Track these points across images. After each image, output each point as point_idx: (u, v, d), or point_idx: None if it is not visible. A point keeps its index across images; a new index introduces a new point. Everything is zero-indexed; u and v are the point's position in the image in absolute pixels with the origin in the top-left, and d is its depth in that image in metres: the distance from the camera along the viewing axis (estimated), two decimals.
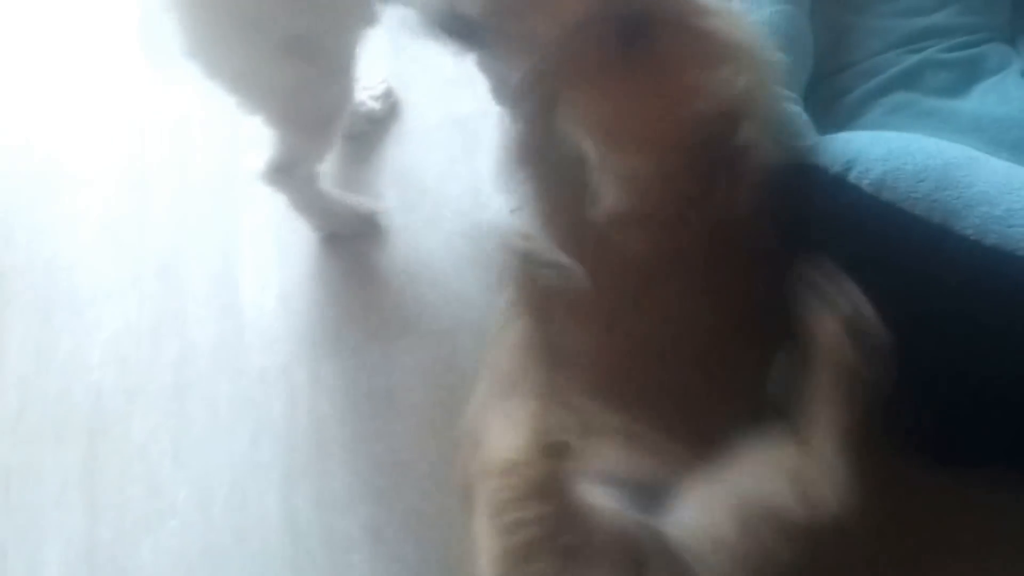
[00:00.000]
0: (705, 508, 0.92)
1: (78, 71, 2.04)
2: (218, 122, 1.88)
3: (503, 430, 0.92)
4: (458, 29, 1.13)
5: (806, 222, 1.12)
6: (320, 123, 1.50)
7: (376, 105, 1.79)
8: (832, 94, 1.38)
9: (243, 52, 1.35)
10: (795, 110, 1.23)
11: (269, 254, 1.73)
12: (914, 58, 1.37)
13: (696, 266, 1.07)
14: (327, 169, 1.65)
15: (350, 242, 1.70)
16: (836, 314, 0.95)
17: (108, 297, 1.75)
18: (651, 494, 0.95)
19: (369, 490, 1.47)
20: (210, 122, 1.90)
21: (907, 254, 1.04)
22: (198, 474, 1.55)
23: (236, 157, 1.85)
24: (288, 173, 1.57)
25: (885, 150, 1.06)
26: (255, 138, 1.77)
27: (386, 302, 1.65)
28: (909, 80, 1.36)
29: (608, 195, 1.06)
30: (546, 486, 0.88)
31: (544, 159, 1.12)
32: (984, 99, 1.32)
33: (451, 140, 1.78)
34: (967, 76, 1.36)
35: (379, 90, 1.79)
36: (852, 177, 1.06)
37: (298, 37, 1.33)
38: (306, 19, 1.32)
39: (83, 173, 1.91)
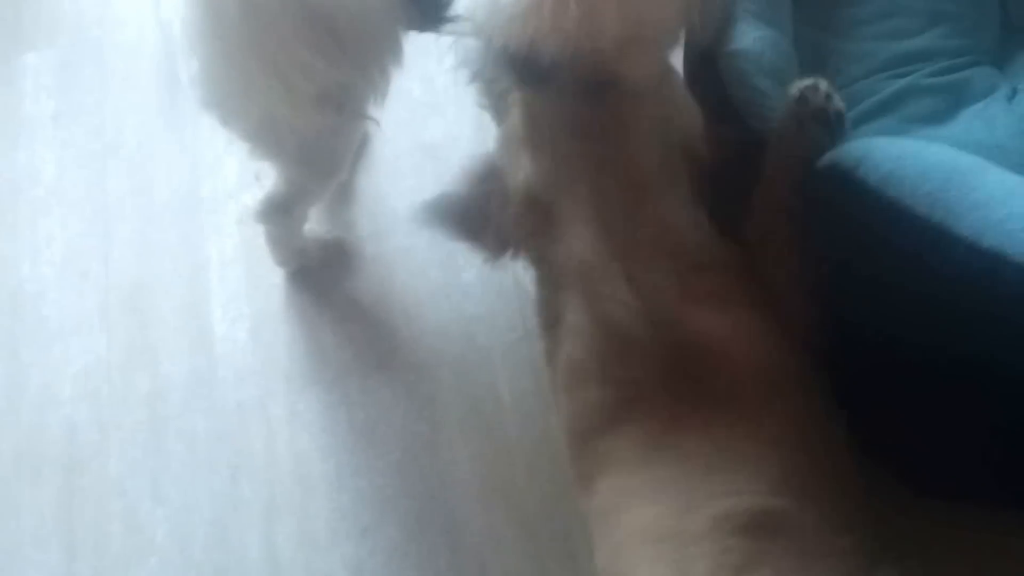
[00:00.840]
0: None
1: (38, 99, 2.01)
2: (180, 149, 1.86)
3: None
4: (532, 73, 1.08)
5: (814, 216, 1.14)
6: (334, 166, 1.49)
7: None
8: None
9: (273, 103, 1.29)
10: None
11: (238, 285, 1.71)
12: (898, 83, 1.36)
13: None
14: None
15: (321, 272, 1.68)
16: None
17: (76, 330, 1.72)
18: None
19: (352, 527, 1.46)
20: (173, 148, 1.86)
21: (907, 252, 1.04)
22: (177, 511, 1.53)
23: (199, 185, 1.82)
24: (287, 212, 1.55)
25: (898, 151, 1.07)
26: (218, 165, 1.79)
27: (361, 335, 1.64)
28: (892, 107, 1.34)
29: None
30: None
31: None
32: (970, 126, 1.31)
33: (421, 167, 1.76)
34: (952, 102, 1.34)
35: None
36: (860, 173, 1.06)
37: (335, 87, 1.31)
38: (345, 70, 1.30)
39: (44, 203, 1.87)
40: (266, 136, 1.38)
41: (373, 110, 1.44)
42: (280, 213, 1.55)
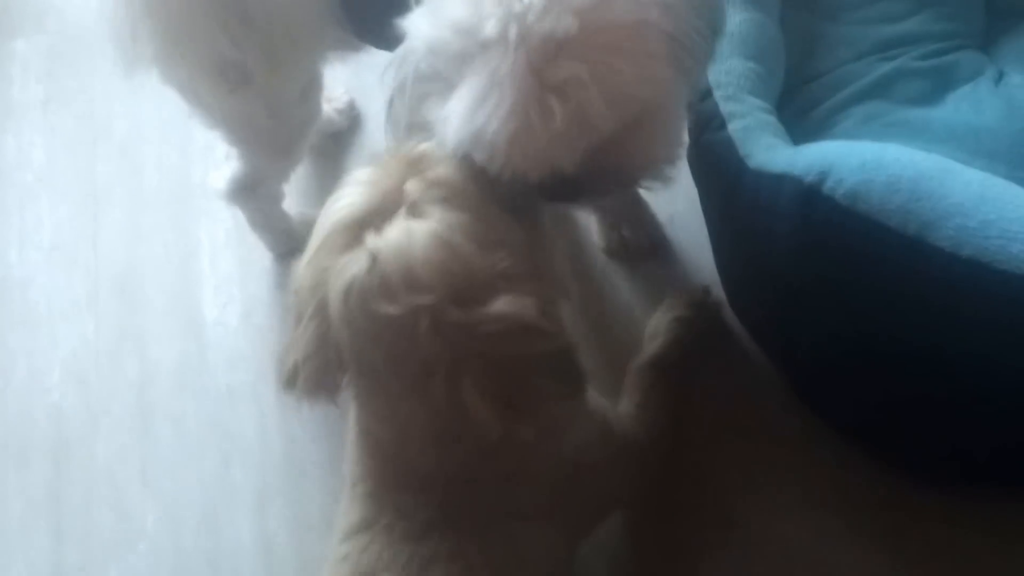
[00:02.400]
0: None
1: (26, 85, 1.98)
2: (170, 133, 1.83)
3: None
4: (559, 192, 1.02)
5: (778, 234, 1.11)
6: (280, 146, 1.44)
7: (338, 118, 1.73)
8: (804, 105, 1.35)
9: (184, 68, 1.28)
10: (769, 119, 1.21)
11: (230, 270, 1.68)
12: (886, 67, 1.35)
13: None
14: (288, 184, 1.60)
15: None
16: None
17: (64, 315, 1.69)
18: None
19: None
20: (162, 133, 1.84)
21: (882, 266, 1.02)
22: (168, 497, 1.51)
23: (189, 170, 1.80)
24: (252, 192, 1.52)
25: (859, 161, 1.04)
26: (209, 149, 1.76)
27: None
28: (881, 89, 1.34)
29: None
30: None
31: None
32: (958, 108, 1.31)
33: None
34: (940, 84, 1.34)
35: (342, 103, 1.74)
36: (826, 188, 1.04)
37: (233, 65, 1.26)
38: (251, 53, 1.25)
39: (32, 188, 1.84)
40: (196, 103, 1.35)
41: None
42: (245, 192, 1.52)
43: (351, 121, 1.76)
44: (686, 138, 1.21)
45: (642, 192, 1.43)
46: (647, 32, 0.93)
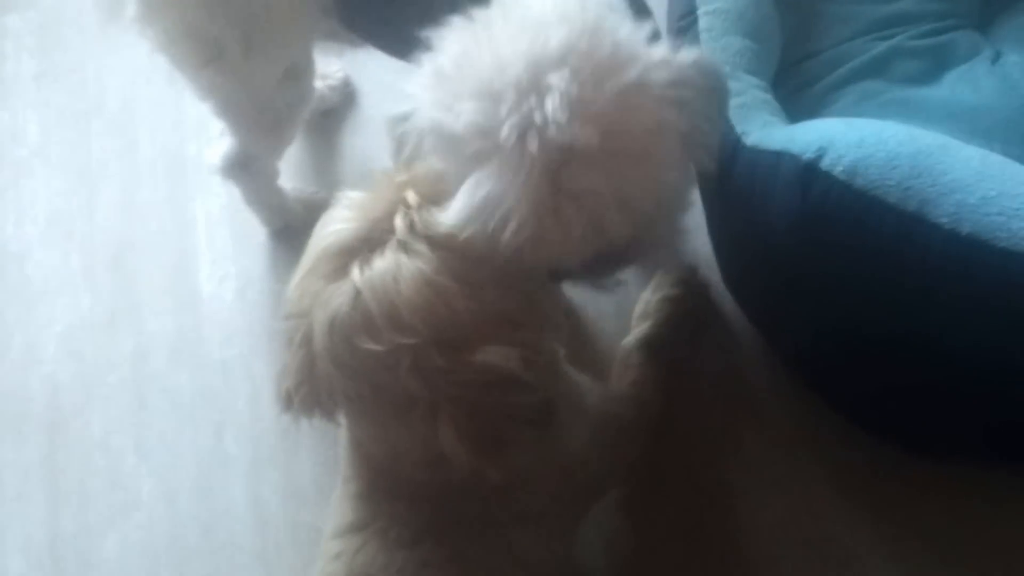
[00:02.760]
0: None
1: (19, 60, 1.97)
2: (164, 108, 1.82)
3: None
4: (561, 276, 1.01)
5: (776, 211, 1.11)
6: (266, 126, 1.42)
7: (332, 95, 1.73)
8: (799, 83, 1.35)
9: (162, 33, 1.25)
10: (765, 97, 1.21)
11: (225, 244, 1.68)
12: (882, 45, 1.35)
13: None
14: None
15: (307, 232, 1.63)
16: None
17: (60, 290, 1.69)
18: None
19: (338, 481, 1.44)
20: (156, 108, 1.83)
21: (881, 243, 1.02)
22: (162, 467, 1.51)
23: (184, 144, 1.79)
24: (244, 168, 1.51)
25: (858, 137, 1.04)
26: (203, 125, 1.75)
27: None
28: (877, 68, 1.34)
29: None
30: None
31: None
32: (955, 87, 1.31)
33: None
34: (937, 64, 1.34)
35: (336, 79, 1.73)
36: (824, 164, 1.03)
37: (208, 37, 1.24)
38: (225, 30, 1.23)
39: (27, 163, 1.83)
40: (178, 71, 1.33)
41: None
42: (238, 169, 1.51)
43: (345, 98, 1.76)
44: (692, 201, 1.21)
45: None
46: (664, 137, 0.90)
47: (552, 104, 0.84)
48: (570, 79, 0.85)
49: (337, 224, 0.90)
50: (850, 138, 1.05)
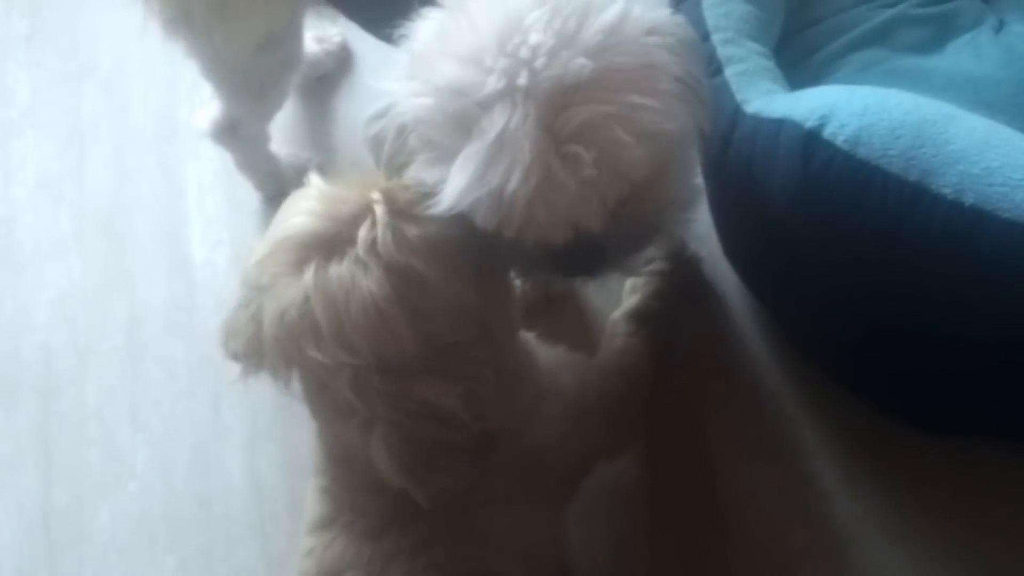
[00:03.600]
0: None
1: (10, 19, 1.92)
2: (156, 71, 1.79)
3: None
4: (581, 260, 0.93)
5: (776, 181, 1.08)
6: (250, 91, 1.39)
7: (328, 60, 1.69)
8: (802, 51, 1.32)
9: None
10: (768, 64, 1.18)
11: (218, 210, 1.65)
12: (886, 13, 1.32)
13: None
14: (275, 124, 1.54)
15: None
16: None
17: (51, 255, 1.66)
18: None
19: None
20: (148, 70, 1.79)
21: (883, 214, 0.99)
22: (158, 437, 1.49)
23: (176, 107, 1.75)
24: (233, 133, 1.48)
25: (861, 105, 1.01)
26: (195, 88, 1.72)
27: None
28: (881, 37, 1.31)
29: None
30: None
31: None
32: (958, 57, 1.28)
33: None
34: (940, 33, 1.31)
35: (333, 44, 1.69)
36: (827, 133, 1.00)
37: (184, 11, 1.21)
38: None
39: (17, 125, 1.80)
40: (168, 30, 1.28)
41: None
42: (226, 133, 1.48)
43: (341, 63, 1.72)
44: (699, 181, 1.16)
45: None
46: (659, 72, 0.85)
47: (536, 37, 0.81)
48: (551, 16, 0.81)
49: (301, 215, 0.87)
50: (854, 106, 1.02)
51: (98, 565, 1.43)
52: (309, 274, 0.83)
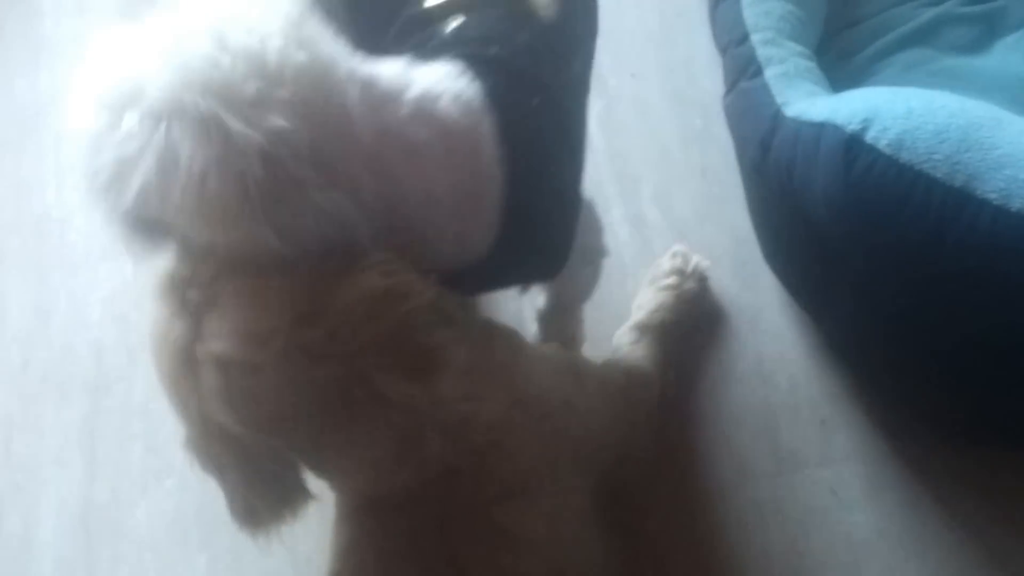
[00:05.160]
0: None
1: (58, 21, 1.93)
2: None
3: None
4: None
5: (817, 186, 1.04)
6: None
7: None
8: (844, 51, 1.29)
9: None
10: (809, 65, 1.15)
11: None
12: (931, 12, 1.28)
13: None
14: None
15: None
16: None
17: (103, 256, 1.66)
18: None
19: None
20: None
21: (927, 219, 0.95)
22: None
23: None
24: None
25: (905, 108, 0.97)
26: None
27: None
28: (925, 36, 1.27)
29: None
30: None
31: None
32: (1006, 56, 1.24)
33: None
34: (987, 32, 1.27)
35: None
36: (869, 137, 0.97)
37: None
38: None
39: (68, 128, 1.80)
40: None
41: None
42: None
43: None
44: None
45: None
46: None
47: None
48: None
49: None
50: (897, 109, 0.98)
51: (133, 562, 1.42)
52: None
